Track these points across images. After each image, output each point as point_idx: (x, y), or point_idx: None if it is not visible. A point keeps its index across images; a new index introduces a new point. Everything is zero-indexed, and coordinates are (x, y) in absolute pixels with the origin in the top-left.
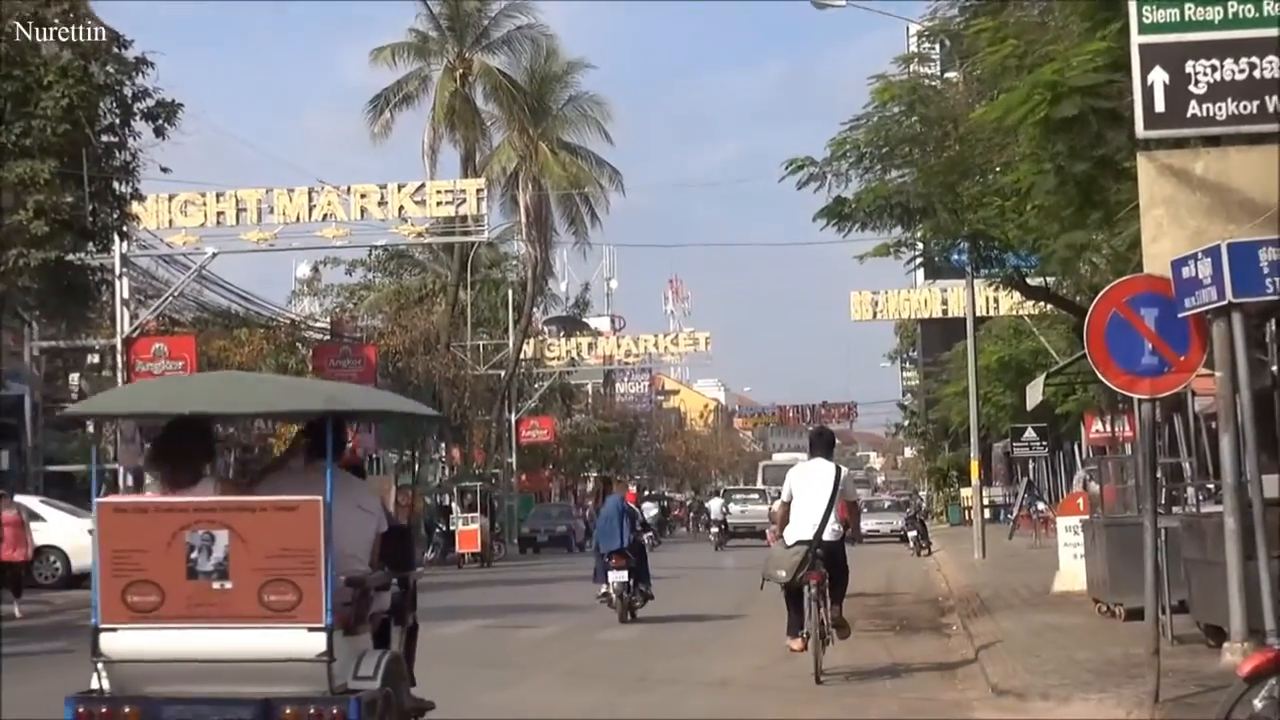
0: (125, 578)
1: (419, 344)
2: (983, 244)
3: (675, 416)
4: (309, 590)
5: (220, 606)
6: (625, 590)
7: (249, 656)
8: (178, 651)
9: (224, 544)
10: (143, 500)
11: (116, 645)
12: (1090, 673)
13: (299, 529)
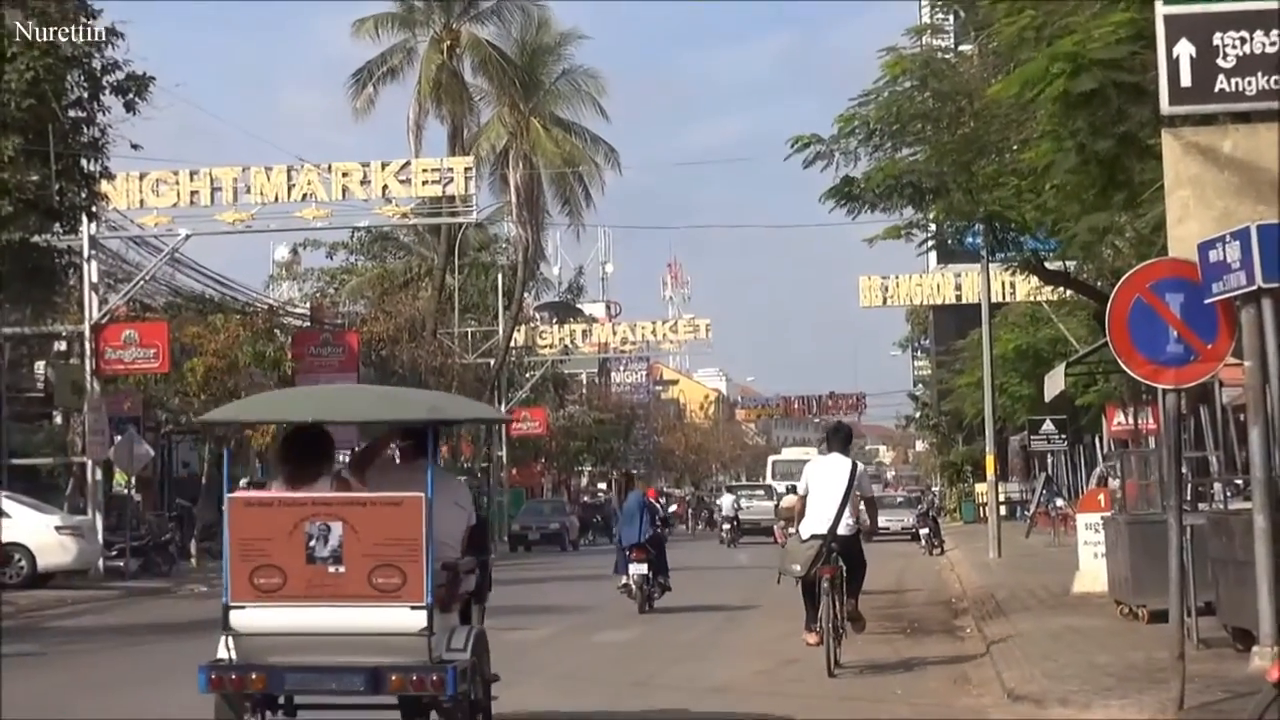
0: (252, 562)
1: (404, 331)
2: (999, 226)
3: (674, 408)
4: (412, 574)
5: (335, 588)
6: (645, 582)
7: (359, 631)
8: (297, 626)
9: (338, 534)
10: (268, 495)
11: (244, 621)
12: (1111, 678)
13: (404, 521)
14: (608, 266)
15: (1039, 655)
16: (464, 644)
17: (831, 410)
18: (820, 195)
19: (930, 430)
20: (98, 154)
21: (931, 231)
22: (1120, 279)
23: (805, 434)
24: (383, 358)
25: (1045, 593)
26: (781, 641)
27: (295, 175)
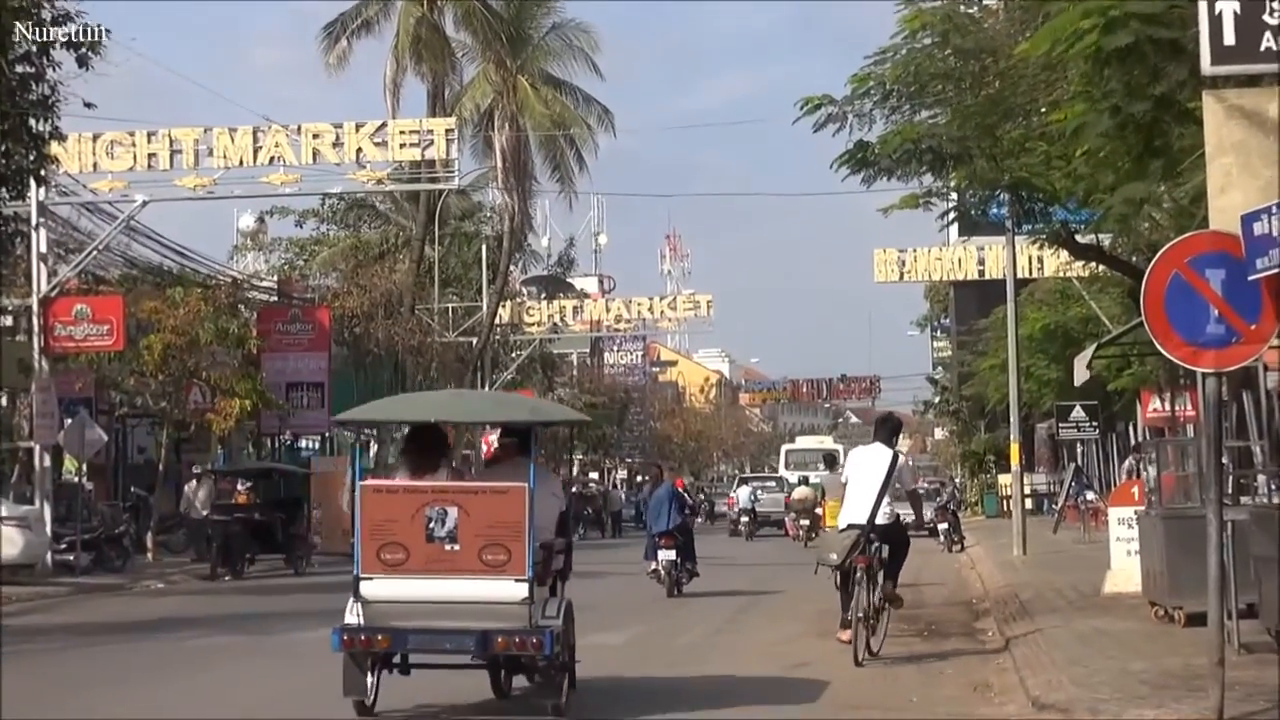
0: (380, 540)
1: (379, 306)
2: (1025, 195)
3: (672, 391)
4: (516, 552)
5: (450, 563)
6: (673, 568)
7: (470, 600)
8: (418, 595)
9: (454, 517)
10: (394, 484)
11: (372, 590)
12: (1145, 685)
13: (510, 507)
14: (601, 238)
15: (1067, 660)
16: (557, 613)
17: (842, 395)
18: (832, 161)
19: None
20: (47, 113)
21: (952, 201)
22: (1157, 253)
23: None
24: (356, 335)
25: (1074, 593)
26: (789, 645)
27: (262, 137)
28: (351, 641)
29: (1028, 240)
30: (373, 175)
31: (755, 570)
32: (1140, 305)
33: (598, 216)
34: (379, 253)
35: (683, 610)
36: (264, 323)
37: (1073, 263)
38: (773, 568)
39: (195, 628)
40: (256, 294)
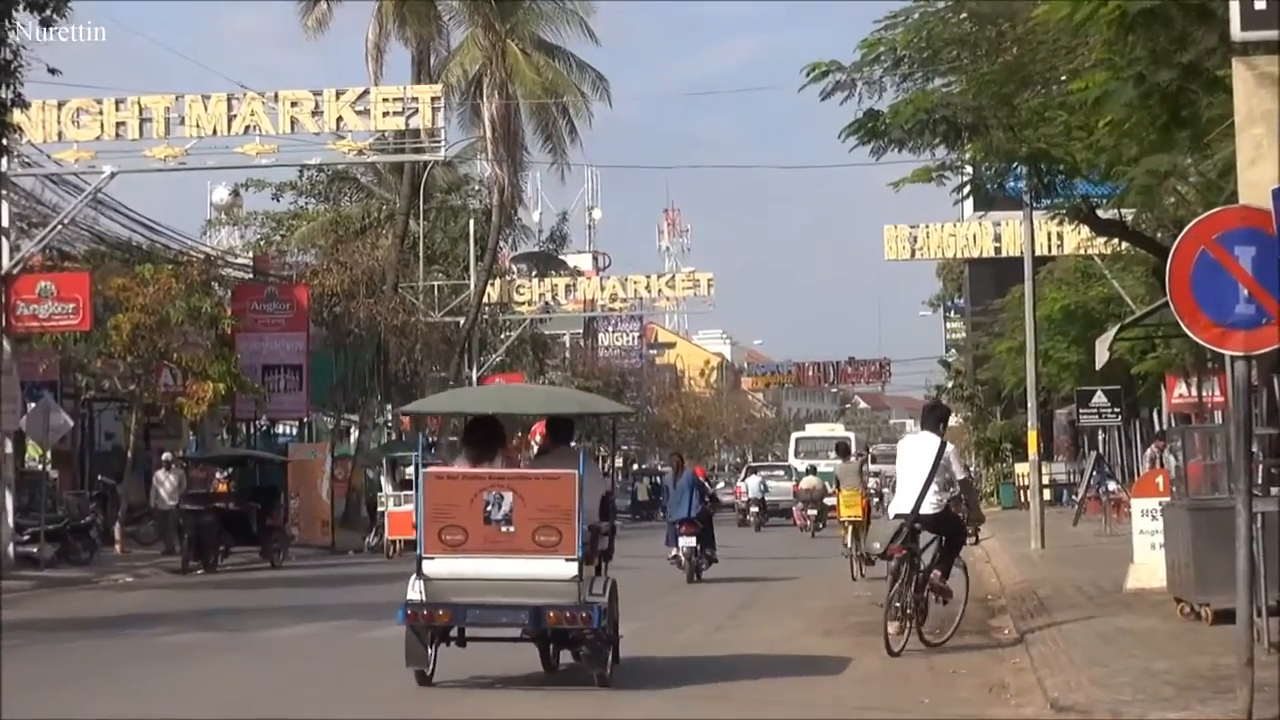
0: (441, 523)
1: (360, 284)
2: (1044, 168)
3: (671, 375)
4: (567, 534)
5: (506, 543)
6: (693, 554)
7: (524, 577)
8: (476, 573)
9: (509, 501)
10: (455, 470)
11: (433, 568)
12: (1170, 686)
13: (561, 492)
14: (595, 212)
15: (1087, 660)
16: (603, 590)
17: (851, 379)
18: (840, 132)
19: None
20: (9, 79)
21: (967, 174)
22: (1183, 229)
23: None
24: (336, 315)
25: (1095, 589)
26: (792, 641)
27: (236, 105)
28: (415, 616)
29: (1047, 216)
30: (354, 146)
31: (762, 563)
32: (1165, 284)
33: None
34: (360, 228)
35: (682, 605)
36: (239, 301)
37: (1094, 239)
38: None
39: (166, 624)
40: (231, 271)
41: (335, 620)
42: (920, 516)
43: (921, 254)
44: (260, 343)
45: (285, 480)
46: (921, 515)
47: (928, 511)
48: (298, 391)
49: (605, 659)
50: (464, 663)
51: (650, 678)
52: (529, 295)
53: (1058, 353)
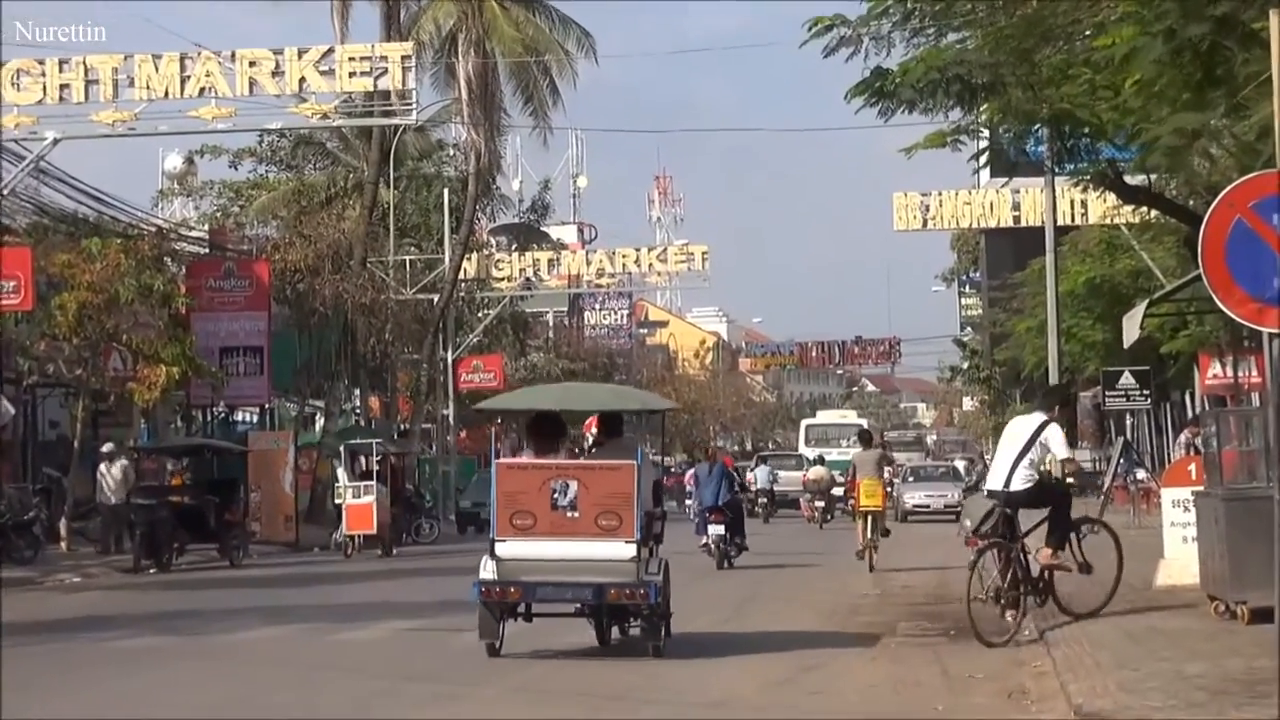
0: (512, 509)
1: (326, 259)
2: (1067, 130)
3: (663, 356)
4: (626, 519)
5: (571, 527)
6: (722, 541)
7: (588, 558)
8: (543, 555)
9: (574, 489)
10: (524, 461)
11: (505, 550)
12: (1203, 691)
13: (620, 481)
14: (580, 180)
15: (1113, 663)
16: (657, 570)
17: (858, 360)
18: (845, 92)
19: (981, 385)
20: None
21: (984, 138)
22: (1217, 196)
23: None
24: (299, 293)
25: (1123, 585)
26: (796, 645)
27: (190, 65)
28: (489, 593)
29: (1069, 182)
30: (318, 109)
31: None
32: (1198, 256)
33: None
34: (325, 198)
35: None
36: (194, 278)
37: (1121, 207)
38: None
39: (120, 627)
40: (185, 245)
41: (302, 622)
42: (1011, 494)
43: (934, 224)
44: (217, 323)
45: (245, 472)
46: (1011, 493)
47: (1017, 488)
48: (258, 375)
49: (659, 632)
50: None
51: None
52: (508, 270)
53: (1081, 331)
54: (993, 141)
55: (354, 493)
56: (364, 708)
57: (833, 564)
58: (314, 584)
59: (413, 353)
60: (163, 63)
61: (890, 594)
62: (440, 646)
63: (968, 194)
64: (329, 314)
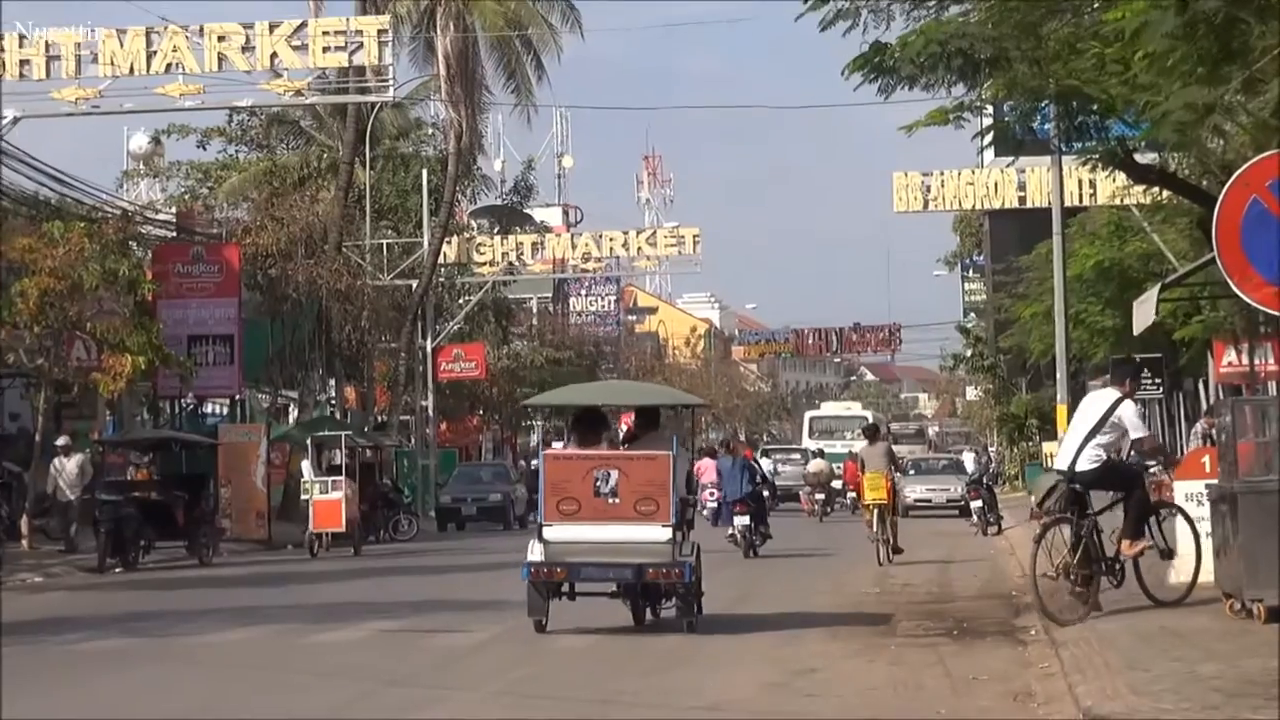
0: (558, 496)
1: (299, 243)
2: (1075, 107)
3: (652, 344)
4: (663, 504)
5: (612, 512)
6: (748, 531)
7: (628, 540)
8: (587, 538)
9: (615, 478)
10: (570, 452)
11: (551, 534)
12: (1218, 693)
13: (658, 470)
14: (565, 160)
15: (1124, 664)
16: (690, 551)
17: (856, 348)
18: (843, 68)
19: (985, 373)
20: None
21: (988, 115)
22: (1231, 175)
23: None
24: (271, 278)
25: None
26: (793, 645)
27: (157, 40)
28: (537, 573)
29: (1077, 161)
30: (290, 85)
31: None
32: (1212, 238)
33: (561, 135)
34: (298, 179)
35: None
36: (160, 263)
37: (1131, 187)
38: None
39: (85, 629)
40: (151, 229)
41: (276, 624)
42: (1077, 474)
43: (936, 205)
44: (185, 310)
45: (215, 466)
46: (1078, 472)
47: (1084, 468)
48: (228, 365)
49: (693, 609)
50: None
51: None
52: (490, 255)
53: (1090, 317)
54: (997, 119)
55: (321, 488)
56: (342, 713)
57: (831, 561)
58: (288, 583)
59: (390, 341)
60: (128, 38)
61: (890, 592)
62: (421, 648)
63: (971, 174)
64: (302, 301)
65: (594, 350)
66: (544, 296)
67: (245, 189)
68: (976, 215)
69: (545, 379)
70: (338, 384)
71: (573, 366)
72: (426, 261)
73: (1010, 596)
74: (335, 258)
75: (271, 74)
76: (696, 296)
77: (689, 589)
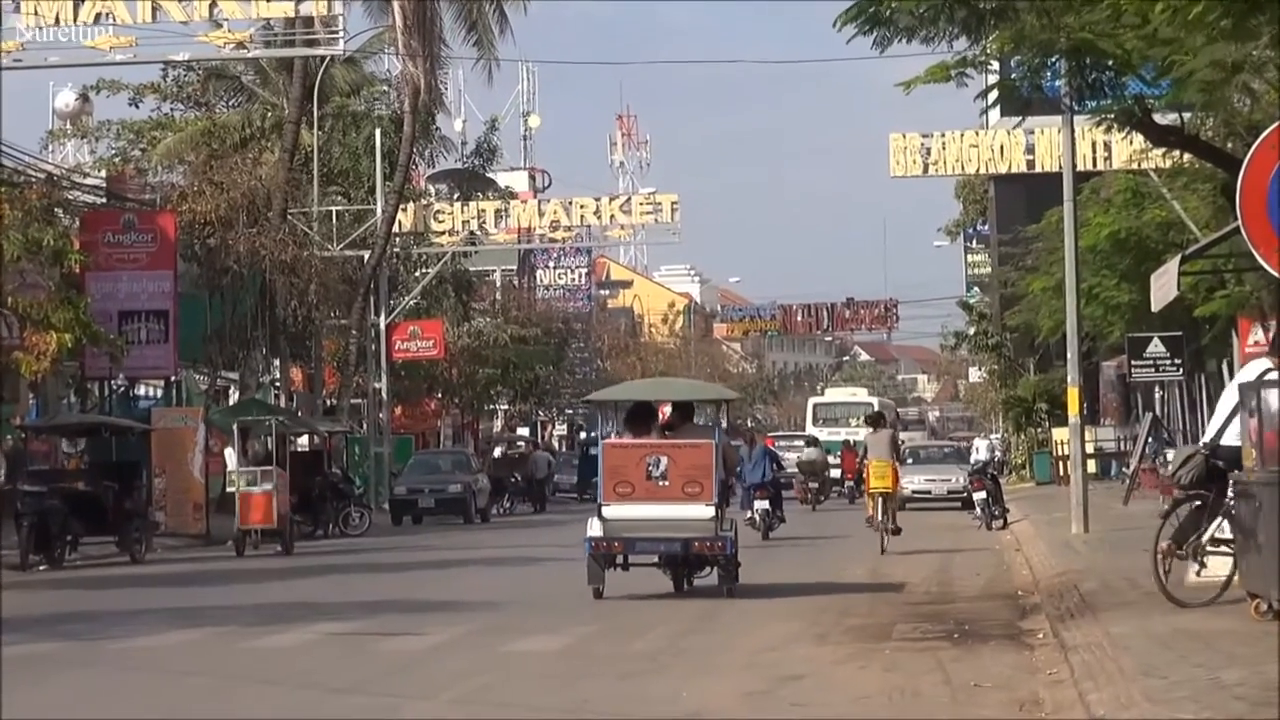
0: (615, 479)
1: (240, 210)
2: (1088, 63)
3: (626, 320)
4: (707, 486)
5: (662, 493)
6: (766, 515)
7: (676, 518)
8: (640, 515)
9: (665, 463)
10: (625, 441)
11: (609, 513)
12: (1242, 701)
13: (702, 456)
14: (532, 120)
15: (1139, 669)
16: (730, 527)
17: (849, 325)
18: (835, 19)
19: (989, 353)
20: None
21: (993, 72)
22: (1259, 137)
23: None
24: (210, 248)
25: (1150, 582)
26: (778, 651)
27: None
28: (598, 547)
29: (1090, 122)
30: (232, 37)
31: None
32: (1237, 206)
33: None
34: (240, 140)
35: (640, 607)
36: (89, 232)
37: (1150, 150)
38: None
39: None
40: (79, 194)
41: (215, 626)
42: (1218, 448)
43: (936, 169)
44: (116, 283)
45: (148, 454)
46: (1221, 446)
47: (1227, 443)
48: (163, 343)
49: (733, 577)
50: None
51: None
52: (450, 223)
53: (1104, 291)
54: (1003, 75)
55: (248, 479)
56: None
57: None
58: (228, 582)
59: (340, 318)
60: None
61: (886, 591)
62: (371, 653)
63: (974, 135)
64: (244, 273)
65: (563, 327)
66: (508, 269)
67: (182, 151)
68: (981, 180)
69: (510, 358)
70: (283, 364)
71: (540, 345)
72: (380, 230)
73: (1016, 596)
74: (280, 226)
75: (211, 24)
76: (675, 269)
77: (729, 559)
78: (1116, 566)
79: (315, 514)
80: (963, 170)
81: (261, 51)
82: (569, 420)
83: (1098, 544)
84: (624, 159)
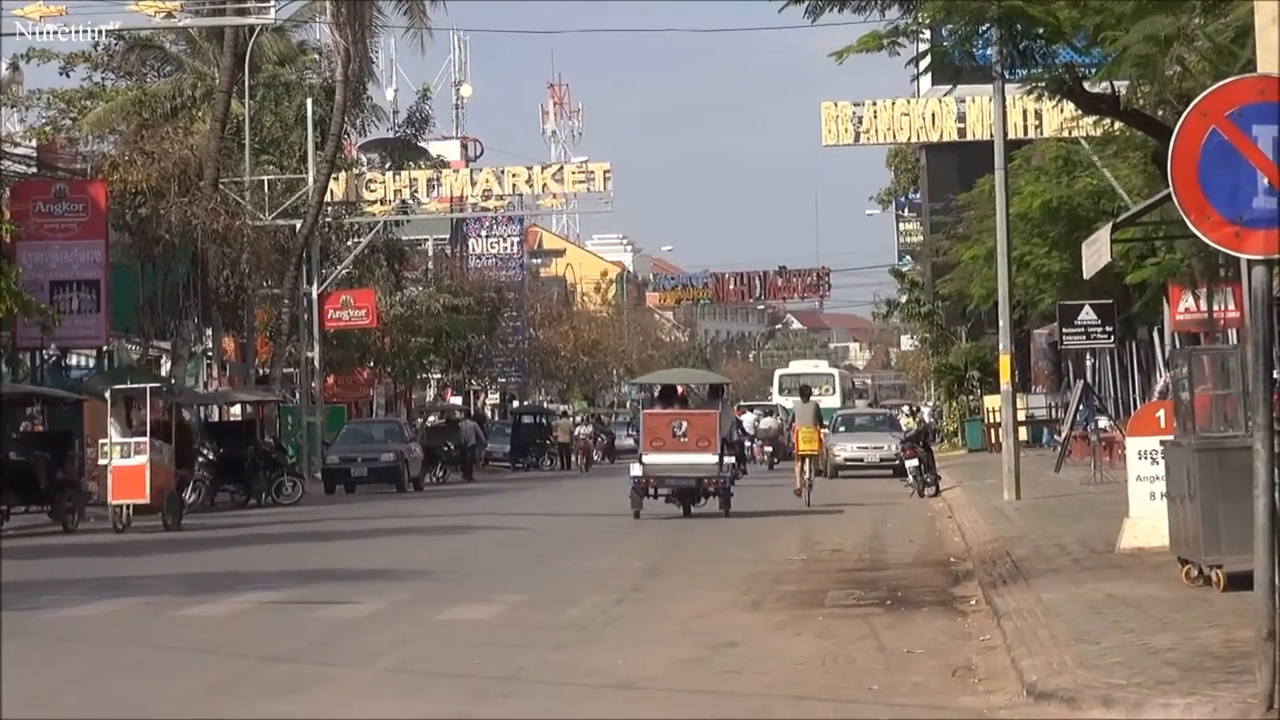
0: (651, 436)
1: (172, 180)
2: (1020, 30)
3: (559, 289)
4: (712, 441)
5: (683, 446)
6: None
7: (692, 464)
8: (668, 461)
9: (685, 425)
10: (659, 411)
11: (648, 460)
12: (1173, 666)
13: (709, 421)
14: (464, 89)
15: (1071, 636)
16: (729, 471)
17: (781, 294)
18: None
19: (921, 321)
20: None
21: (924, 40)
22: (1189, 104)
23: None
24: (142, 218)
25: (1082, 549)
26: (712, 619)
27: None
28: (639, 483)
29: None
30: (162, 6)
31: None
32: (1168, 173)
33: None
34: (171, 109)
35: (574, 576)
36: (19, 201)
37: (1081, 118)
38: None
39: None
40: (9, 164)
41: (145, 595)
42: None
43: (868, 138)
44: (47, 253)
45: (80, 424)
46: None
47: None
48: (94, 313)
49: (728, 504)
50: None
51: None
52: (381, 192)
53: (1036, 259)
54: (934, 44)
55: (123, 451)
56: (217, 693)
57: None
58: (159, 551)
59: (272, 287)
60: None
61: (818, 559)
62: (303, 621)
63: (906, 104)
64: (176, 242)
65: (495, 296)
66: (440, 238)
67: (112, 120)
68: (912, 149)
69: (442, 328)
70: (215, 333)
71: (473, 314)
72: (311, 200)
73: (948, 563)
74: (212, 195)
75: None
76: (607, 238)
77: (727, 492)
78: (1048, 533)
79: (248, 483)
80: (894, 139)
81: (191, 21)
82: (501, 389)
83: (1029, 511)
84: (556, 128)
